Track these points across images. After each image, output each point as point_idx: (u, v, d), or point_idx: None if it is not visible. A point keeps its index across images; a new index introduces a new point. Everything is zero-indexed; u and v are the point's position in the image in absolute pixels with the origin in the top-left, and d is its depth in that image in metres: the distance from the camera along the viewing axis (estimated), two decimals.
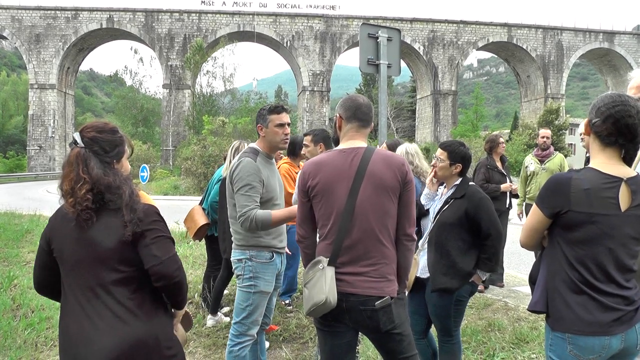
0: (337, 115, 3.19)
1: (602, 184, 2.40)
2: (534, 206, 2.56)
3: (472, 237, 3.99)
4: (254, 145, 4.16)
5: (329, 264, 2.89)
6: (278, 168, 6.50)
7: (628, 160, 2.51)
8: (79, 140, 2.45)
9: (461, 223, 3.96)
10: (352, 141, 3.08)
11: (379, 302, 2.86)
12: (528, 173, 8.32)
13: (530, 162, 8.36)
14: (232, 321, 4.11)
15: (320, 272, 2.89)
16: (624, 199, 2.41)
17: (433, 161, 4.26)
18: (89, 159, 2.41)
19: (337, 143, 3.23)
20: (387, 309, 2.88)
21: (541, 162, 8.21)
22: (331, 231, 2.94)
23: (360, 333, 3.22)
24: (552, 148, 8.34)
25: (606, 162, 2.48)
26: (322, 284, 2.83)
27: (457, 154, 4.11)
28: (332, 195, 2.93)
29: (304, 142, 5.86)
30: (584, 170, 2.47)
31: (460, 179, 4.14)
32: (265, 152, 4.12)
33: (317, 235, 3.11)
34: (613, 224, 2.39)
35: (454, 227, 3.97)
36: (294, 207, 3.97)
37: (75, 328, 2.36)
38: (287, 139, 4.15)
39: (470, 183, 4.13)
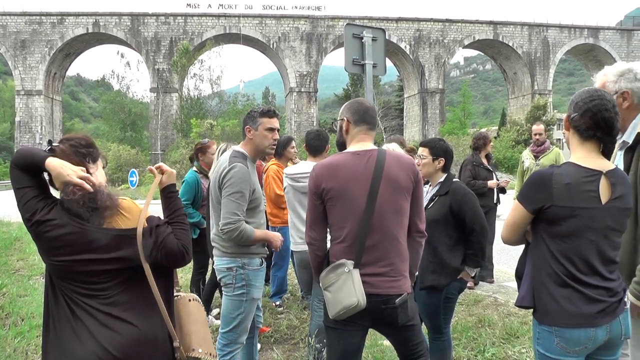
0: (344, 118, 3.20)
1: (582, 178, 2.44)
2: (516, 202, 2.59)
3: (458, 234, 4.02)
4: (239, 149, 3.99)
5: (354, 267, 2.90)
6: (266, 170, 6.52)
7: (607, 154, 2.56)
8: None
9: (446, 220, 3.99)
10: (363, 143, 3.12)
11: (398, 299, 2.93)
12: (524, 168, 8.36)
13: (526, 157, 8.41)
14: (221, 330, 4.02)
15: (345, 275, 2.89)
16: (604, 191, 2.45)
17: (416, 160, 4.29)
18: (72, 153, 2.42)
19: (341, 147, 3.26)
20: (405, 305, 2.96)
21: (536, 157, 8.24)
22: (350, 233, 2.95)
23: None
24: (548, 143, 8.36)
25: (586, 156, 2.52)
26: (351, 287, 2.85)
27: (439, 149, 4.17)
28: (350, 198, 2.95)
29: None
30: (565, 165, 2.51)
31: (445, 176, 4.18)
32: (250, 156, 3.98)
33: (330, 237, 3.11)
34: (594, 217, 2.43)
35: (439, 224, 3.99)
36: (270, 233, 4.06)
37: (68, 333, 2.31)
38: (275, 144, 4.04)
39: (455, 179, 4.16)
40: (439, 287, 3.98)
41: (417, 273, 4.10)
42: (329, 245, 3.14)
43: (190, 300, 2.62)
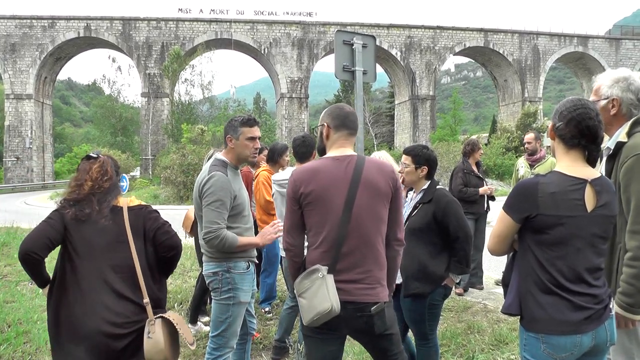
0: (325, 124, 3.19)
1: (567, 187, 2.47)
2: (502, 213, 2.60)
3: (442, 241, 4.03)
4: (221, 157, 4.05)
5: (328, 272, 2.88)
6: (256, 175, 6.52)
7: (592, 161, 2.59)
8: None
9: (430, 228, 4.00)
10: (343, 149, 3.11)
11: (374, 308, 2.89)
12: (519, 176, 8.31)
13: (522, 165, 8.32)
14: (210, 334, 4.05)
15: (319, 280, 2.86)
16: (589, 200, 2.48)
17: (399, 167, 4.30)
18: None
19: (322, 152, 3.25)
20: (381, 314, 2.93)
21: (531, 166, 8.17)
22: (327, 239, 2.93)
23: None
24: (543, 152, 8.24)
25: (571, 165, 2.55)
26: (325, 293, 2.82)
27: (421, 157, 4.17)
28: (328, 203, 2.93)
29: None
30: (550, 174, 2.53)
31: (428, 183, 4.19)
32: (232, 163, 4.04)
33: (307, 243, 3.09)
34: (580, 225, 2.46)
35: (423, 232, 4.01)
36: (255, 238, 4.04)
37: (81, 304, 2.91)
38: (256, 153, 4.11)
39: (438, 187, 4.17)
40: (423, 294, 3.99)
41: (401, 280, 4.13)
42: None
43: None
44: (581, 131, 2.52)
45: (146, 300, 2.98)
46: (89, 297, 2.89)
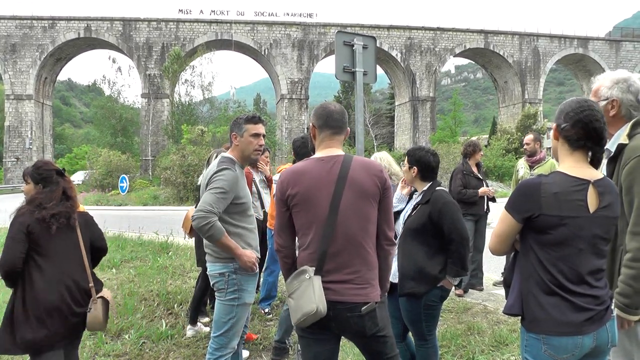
0: (312, 124, 3.19)
1: (570, 187, 2.46)
2: (504, 212, 2.59)
3: (438, 242, 4.04)
4: (227, 154, 4.06)
5: (315, 273, 2.88)
6: (279, 171, 6.54)
7: (595, 163, 2.58)
8: None
9: (426, 228, 4.01)
10: (329, 149, 3.09)
11: (364, 308, 2.88)
12: (518, 177, 8.28)
13: (521, 166, 8.25)
14: (212, 334, 4.04)
15: (307, 281, 2.87)
16: (592, 200, 2.47)
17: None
18: None
19: (314, 152, 3.24)
20: (372, 314, 2.92)
21: (531, 167, 8.08)
22: (314, 240, 2.93)
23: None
24: (543, 153, 8.17)
25: (574, 166, 2.54)
26: (311, 294, 2.83)
27: (413, 157, 4.23)
28: (314, 204, 2.93)
29: None
30: (553, 174, 2.52)
31: (429, 185, 4.20)
32: (238, 161, 4.04)
33: (297, 244, 3.10)
34: (582, 226, 2.45)
35: (418, 232, 4.02)
36: (239, 249, 3.88)
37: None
38: (260, 150, 4.11)
39: (438, 188, 4.18)
40: (417, 294, 3.99)
41: (397, 280, 4.14)
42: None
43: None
44: (588, 133, 2.51)
45: (91, 284, 3.89)
46: (56, 285, 3.70)
